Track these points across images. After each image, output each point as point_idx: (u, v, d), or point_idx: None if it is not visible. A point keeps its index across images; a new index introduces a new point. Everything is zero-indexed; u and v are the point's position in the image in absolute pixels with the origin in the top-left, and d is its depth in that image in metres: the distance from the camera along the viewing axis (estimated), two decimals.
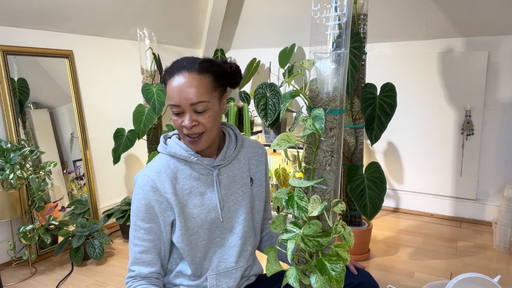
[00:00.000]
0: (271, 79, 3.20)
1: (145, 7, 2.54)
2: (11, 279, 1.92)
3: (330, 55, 0.91)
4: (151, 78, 2.59)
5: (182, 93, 0.95)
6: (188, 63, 0.97)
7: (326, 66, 0.92)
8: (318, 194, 0.94)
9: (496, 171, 2.52)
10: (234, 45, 3.32)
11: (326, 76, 0.92)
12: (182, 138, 1.04)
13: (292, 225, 0.92)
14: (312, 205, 0.90)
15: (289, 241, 0.89)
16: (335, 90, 0.91)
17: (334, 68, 0.91)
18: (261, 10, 2.95)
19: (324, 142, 0.93)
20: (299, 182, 0.92)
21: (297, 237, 0.89)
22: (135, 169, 2.78)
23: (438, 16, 2.44)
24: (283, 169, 2.56)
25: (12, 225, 2.02)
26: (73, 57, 2.31)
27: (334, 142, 0.92)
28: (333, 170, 0.92)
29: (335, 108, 0.91)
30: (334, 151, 0.92)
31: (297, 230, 0.91)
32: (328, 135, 0.92)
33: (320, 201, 0.91)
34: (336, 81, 0.91)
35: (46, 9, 2.06)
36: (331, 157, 0.92)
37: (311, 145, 0.95)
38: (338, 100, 0.91)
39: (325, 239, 0.88)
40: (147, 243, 1.01)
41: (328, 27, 0.92)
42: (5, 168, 1.82)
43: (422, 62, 2.62)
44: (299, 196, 0.92)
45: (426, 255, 2.15)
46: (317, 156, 0.94)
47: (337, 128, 0.92)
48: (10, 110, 1.99)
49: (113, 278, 1.93)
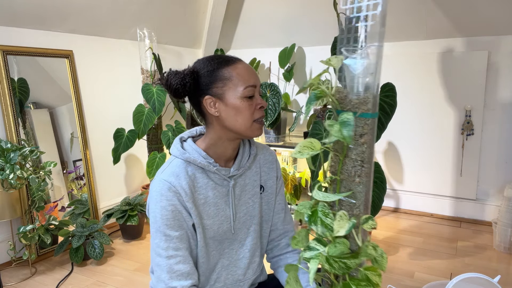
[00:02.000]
0: (271, 79, 3.20)
1: (145, 7, 2.54)
2: (11, 279, 1.92)
3: (361, 51, 0.80)
4: (151, 78, 2.59)
5: (254, 74, 0.95)
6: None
7: (357, 63, 0.80)
8: (345, 209, 0.83)
9: (496, 171, 2.52)
10: (234, 45, 3.31)
11: (357, 74, 0.80)
12: (246, 127, 0.95)
13: (316, 241, 0.82)
14: (339, 222, 0.78)
15: (312, 260, 0.78)
16: (366, 91, 0.80)
17: (366, 65, 0.79)
18: (261, 10, 2.95)
19: (353, 150, 0.81)
20: (325, 195, 0.81)
21: (321, 257, 0.78)
22: (135, 169, 2.78)
23: (438, 16, 2.44)
24: (283, 169, 2.56)
25: (12, 225, 2.02)
26: (73, 57, 2.31)
27: (365, 150, 0.80)
28: (363, 182, 0.81)
29: (366, 112, 0.79)
30: (365, 160, 0.81)
31: (321, 247, 0.80)
32: (358, 143, 0.81)
33: (347, 217, 0.80)
34: (368, 81, 0.80)
35: (46, 9, 2.06)
36: (361, 167, 0.81)
37: (338, 152, 0.84)
38: (371, 102, 0.79)
39: (353, 261, 0.77)
40: (183, 251, 0.94)
41: (360, 18, 0.79)
42: (5, 168, 1.82)
43: (422, 62, 2.62)
44: (324, 211, 0.81)
45: (426, 255, 2.15)
46: (345, 166, 0.83)
47: (369, 135, 0.80)
48: (10, 110, 1.99)
49: (113, 278, 1.93)
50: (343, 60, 0.81)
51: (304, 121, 3.10)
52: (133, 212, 2.31)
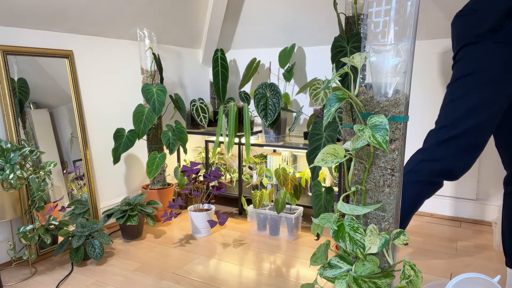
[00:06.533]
0: (271, 79, 3.20)
1: (145, 7, 2.54)
2: (11, 279, 1.92)
3: (390, 48, 0.72)
4: (151, 78, 2.59)
5: None
6: None
7: (385, 61, 0.72)
8: (372, 222, 0.75)
9: (496, 171, 2.52)
10: (234, 45, 3.32)
11: (385, 74, 0.73)
12: None
13: (338, 259, 0.74)
14: (370, 238, 0.69)
15: (337, 280, 0.70)
16: (396, 91, 0.72)
17: (396, 64, 0.72)
18: (261, 10, 2.95)
19: (382, 157, 0.73)
20: (352, 207, 0.71)
21: (348, 277, 0.69)
22: (135, 169, 2.78)
23: (438, 16, 2.44)
24: (283, 169, 2.55)
25: (12, 225, 2.02)
26: (73, 57, 2.31)
27: (396, 158, 0.72)
28: (394, 193, 0.73)
29: (398, 115, 0.72)
30: (396, 168, 0.73)
31: (344, 265, 0.72)
32: (388, 149, 0.72)
33: (377, 231, 0.72)
34: (398, 81, 0.72)
35: (46, 9, 2.06)
36: (391, 176, 0.73)
37: (363, 160, 0.76)
38: (403, 104, 0.72)
39: (385, 281, 0.69)
40: None
41: (390, 11, 0.70)
42: (5, 168, 1.82)
43: (422, 62, 2.62)
44: (352, 226, 0.70)
45: (426, 255, 2.15)
46: (372, 174, 0.75)
47: (400, 140, 0.73)
48: (10, 110, 1.99)
49: (113, 278, 1.93)
50: (367, 58, 0.74)
51: (304, 121, 3.10)
52: (133, 212, 2.31)
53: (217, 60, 2.98)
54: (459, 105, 1.36)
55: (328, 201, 1.76)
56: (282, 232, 2.41)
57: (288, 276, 1.91)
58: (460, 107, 1.35)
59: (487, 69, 1.32)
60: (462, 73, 1.38)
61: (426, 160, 1.36)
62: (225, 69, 2.98)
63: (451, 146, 1.34)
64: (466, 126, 1.33)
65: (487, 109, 1.32)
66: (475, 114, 1.32)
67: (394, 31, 0.70)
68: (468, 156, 1.34)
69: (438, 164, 1.34)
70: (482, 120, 1.32)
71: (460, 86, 1.39)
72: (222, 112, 2.50)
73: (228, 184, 3.16)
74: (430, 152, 1.37)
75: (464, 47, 1.39)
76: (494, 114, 1.33)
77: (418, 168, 1.36)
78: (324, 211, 1.79)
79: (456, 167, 1.34)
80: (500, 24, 1.30)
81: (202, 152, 3.26)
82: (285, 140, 2.79)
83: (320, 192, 1.81)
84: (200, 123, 2.89)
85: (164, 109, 2.91)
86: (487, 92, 1.32)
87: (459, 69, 1.40)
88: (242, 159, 2.80)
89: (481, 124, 1.32)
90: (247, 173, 3.11)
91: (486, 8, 1.34)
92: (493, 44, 1.31)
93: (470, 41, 1.36)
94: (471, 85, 1.35)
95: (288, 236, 2.38)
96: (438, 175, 1.35)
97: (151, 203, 2.45)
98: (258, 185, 2.95)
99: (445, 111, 1.41)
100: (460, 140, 1.33)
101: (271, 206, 2.53)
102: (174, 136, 2.54)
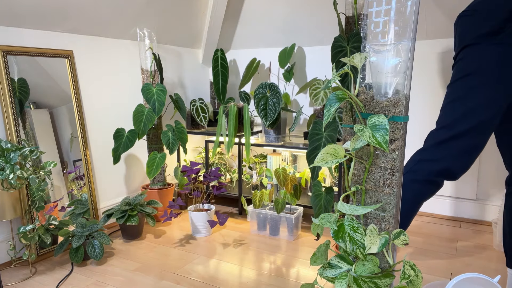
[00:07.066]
0: (271, 79, 3.20)
1: (145, 7, 2.54)
2: (11, 279, 1.92)
3: (390, 48, 0.72)
4: (151, 78, 2.59)
5: None
6: None
7: (385, 61, 0.72)
8: (372, 222, 0.76)
9: (496, 171, 2.52)
10: (234, 45, 3.32)
11: (385, 74, 0.73)
12: None
13: (338, 259, 0.74)
14: (370, 238, 0.69)
15: (337, 280, 0.70)
16: (396, 91, 0.72)
17: (396, 64, 0.72)
18: (261, 10, 2.95)
19: (382, 157, 0.74)
20: (352, 207, 0.71)
21: (348, 277, 0.69)
22: (135, 169, 2.78)
23: (438, 16, 2.44)
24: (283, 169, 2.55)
25: (12, 225, 2.02)
26: (73, 57, 2.31)
27: (396, 158, 0.73)
28: (394, 193, 0.73)
29: (398, 115, 0.72)
30: (396, 168, 0.73)
31: (344, 265, 0.72)
32: (388, 149, 0.73)
33: (377, 231, 0.72)
34: (398, 81, 0.72)
35: (46, 9, 2.06)
36: (392, 176, 0.73)
37: (363, 160, 0.76)
38: (403, 104, 0.72)
39: (385, 281, 0.69)
40: None
41: (390, 11, 0.70)
42: (5, 168, 1.82)
43: (422, 62, 2.62)
44: (352, 226, 0.70)
45: (426, 255, 2.15)
46: (372, 174, 0.75)
47: (400, 140, 0.73)
48: (10, 110, 1.99)
49: (113, 278, 1.93)
50: (367, 58, 0.74)
51: (304, 121, 3.10)
52: (133, 212, 2.31)
53: (217, 60, 2.98)
54: (459, 106, 1.36)
55: (328, 201, 1.76)
56: (282, 232, 2.41)
57: (288, 276, 1.91)
58: (459, 108, 1.36)
59: (487, 71, 1.32)
60: (462, 74, 1.39)
61: (425, 160, 1.37)
62: (225, 69, 2.98)
63: (450, 146, 1.34)
64: (465, 127, 1.33)
65: (486, 110, 1.32)
66: (474, 115, 1.32)
67: (394, 31, 0.70)
68: (467, 157, 1.35)
69: (436, 164, 1.34)
70: (481, 121, 1.32)
71: (459, 87, 1.39)
72: (222, 112, 2.50)
73: (228, 184, 3.16)
74: (429, 152, 1.38)
75: (465, 48, 1.39)
76: (494, 115, 1.33)
77: (417, 168, 1.36)
78: (324, 211, 1.79)
79: (454, 167, 1.34)
80: (502, 26, 1.30)
81: (202, 152, 3.26)
82: (285, 140, 2.79)
83: (320, 192, 1.81)
84: (200, 123, 2.89)
85: (164, 109, 2.91)
86: (487, 94, 1.32)
87: (459, 70, 1.40)
88: (242, 159, 2.80)
89: (480, 125, 1.32)
90: (247, 173, 3.11)
91: (488, 9, 1.34)
92: (494, 45, 1.31)
93: (472, 42, 1.36)
94: (470, 86, 1.35)
95: (288, 236, 2.38)
96: (436, 174, 1.35)
97: (151, 203, 2.45)
98: (258, 185, 2.95)
99: (445, 112, 1.41)
100: (459, 141, 1.34)
101: (271, 206, 2.53)
102: (174, 136, 2.54)
